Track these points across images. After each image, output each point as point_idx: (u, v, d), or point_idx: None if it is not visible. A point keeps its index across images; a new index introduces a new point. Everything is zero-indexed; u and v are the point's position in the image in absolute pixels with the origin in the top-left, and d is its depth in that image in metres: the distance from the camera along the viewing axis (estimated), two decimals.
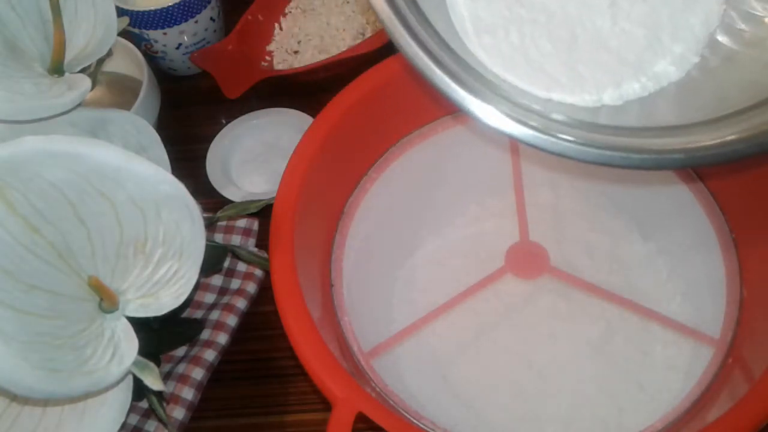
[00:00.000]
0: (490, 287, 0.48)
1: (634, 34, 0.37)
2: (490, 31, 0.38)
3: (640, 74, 0.37)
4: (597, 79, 0.37)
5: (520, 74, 0.37)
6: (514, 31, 0.37)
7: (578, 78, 0.37)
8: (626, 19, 0.37)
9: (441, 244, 0.51)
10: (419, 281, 0.50)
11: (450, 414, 0.43)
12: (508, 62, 0.37)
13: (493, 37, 0.38)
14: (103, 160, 0.34)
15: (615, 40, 0.37)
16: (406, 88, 0.49)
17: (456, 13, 0.38)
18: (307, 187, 0.44)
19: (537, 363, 0.45)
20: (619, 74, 0.37)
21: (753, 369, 0.39)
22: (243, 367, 0.50)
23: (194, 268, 0.36)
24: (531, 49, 0.37)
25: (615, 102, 0.37)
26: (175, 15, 0.60)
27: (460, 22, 0.38)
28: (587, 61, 0.37)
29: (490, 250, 0.49)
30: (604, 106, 0.37)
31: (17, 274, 0.32)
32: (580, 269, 0.48)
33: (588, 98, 0.36)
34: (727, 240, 0.46)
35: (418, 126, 0.52)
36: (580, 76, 0.37)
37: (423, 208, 0.52)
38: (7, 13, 0.41)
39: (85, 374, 0.33)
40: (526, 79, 0.37)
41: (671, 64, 0.37)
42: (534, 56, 0.37)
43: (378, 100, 0.48)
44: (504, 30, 0.38)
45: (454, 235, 0.51)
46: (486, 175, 0.52)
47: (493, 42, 0.37)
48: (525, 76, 0.37)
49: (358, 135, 0.49)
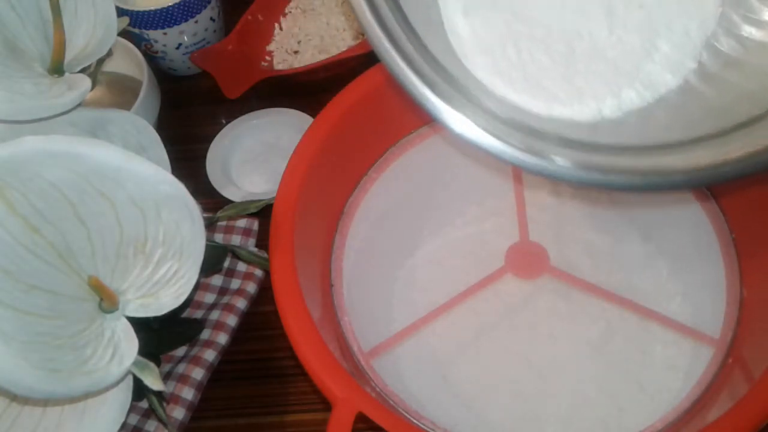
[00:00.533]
0: (490, 287, 0.48)
1: (631, 42, 0.37)
2: (488, 50, 0.37)
3: (637, 83, 0.36)
4: (595, 91, 0.36)
5: (519, 92, 0.37)
6: (511, 48, 0.37)
7: (576, 91, 0.36)
8: (622, 28, 0.37)
9: (441, 244, 0.51)
10: (419, 281, 0.50)
11: (450, 414, 0.43)
12: (506, 80, 0.37)
13: (491, 56, 0.37)
14: (103, 160, 0.34)
15: (612, 49, 0.37)
16: None
17: (454, 35, 0.38)
18: (307, 187, 0.44)
19: (537, 363, 0.45)
20: (616, 84, 0.36)
21: (753, 369, 0.39)
22: (243, 367, 0.50)
23: (194, 268, 0.36)
24: (529, 65, 0.37)
25: (614, 113, 0.36)
26: (175, 15, 0.60)
27: (458, 44, 0.38)
28: (585, 73, 0.37)
29: (490, 250, 0.49)
30: (603, 119, 0.36)
31: (17, 274, 0.33)
32: (580, 269, 0.48)
33: (587, 111, 0.36)
34: (727, 240, 0.46)
35: (418, 126, 0.52)
36: (578, 88, 0.36)
37: (423, 208, 0.52)
38: (7, 13, 0.41)
39: (85, 374, 0.33)
40: (525, 96, 0.36)
41: (668, 72, 0.37)
42: (532, 72, 0.37)
43: (378, 100, 0.48)
44: (501, 47, 0.37)
45: (454, 235, 0.51)
46: (486, 175, 0.52)
47: (492, 61, 0.37)
48: (524, 93, 0.37)
49: (358, 135, 0.49)
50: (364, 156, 0.51)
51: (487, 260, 0.49)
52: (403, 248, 0.51)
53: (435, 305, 0.47)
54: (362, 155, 0.51)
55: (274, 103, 0.61)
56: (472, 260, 0.49)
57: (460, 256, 0.50)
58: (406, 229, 0.51)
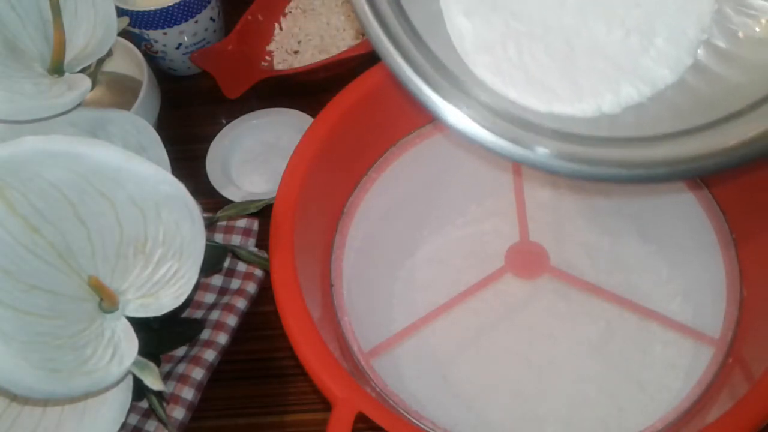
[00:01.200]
0: (490, 287, 0.48)
1: (629, 39, 0.37)
2: (489, 49, 0.38)
3: (636, 79, 0.37)
4: (595, 88, 0.37)
5: (521, 90, 0.37)
6: (512, 47, 0.38)
7: (576, 89, 0.37)
8: (621, 26, 0.37)
9: (441, 244, 0.51)
10: (419, 281, 0.50)
11: (450, 414, 0.43)
12: (507, 79, 0.37)
13: (492, 55, 0.38)
14: (103, 160, 0.34)
15: (611, 47, 0.37)
16: None
17: (455, 34, 0.38)
18: (307, 187, 0.44)
19: (537, 363, 0.45)
20: (615, 81, 0.37)
21: (753, 369, 0.39)
22: (243, 367, 0.50)
23: (194, 268, 0.36)
24: (530, 64, 0.37)
25: (613, 109, 0.37)
26: (175, 15, 0.60)
27: (459, 42, 0.38)
28: (585, 71, 0.37)
29: (490, 250, 0.49)
30: (603, 115, 0.37)
31: (17, 274, 0.33)
32: (580, 269, 0.48)
33: (587, 108, 0.37)
34: (727, 240, 0.46)
35: (418, 126, 0.52)
36: (579, 86, 0.37)
37: (423, 208, 0.52)
38: (7, 13, 0.41)
39: (85, 374, 0.33)
40: (526, 94, 0.37)
41: (666, 67, 0.37)
42: (533, 71, 0.37)
43: (378, 100, 0.48)
44: (502, 46, 0.38)
45: (454, 235, 0.51)
46: (486, 175, 0.52)
47: (493, 60, 0.38)
48: (525, 92, 0.37)
49: (358, 135, 0.49)
50: (364, 156, 0.51)
51: (487, 260, 0.49)
52: (403, 248, 0.51)
53: (435, 305, 0.47)
54: (362, 155, 0.51)
55: (274, 103, 0.61)
56: (472, 260, 0.49)
57: (460, 256, 0.50)
58: (406, 229, 0.51)
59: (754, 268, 0.44)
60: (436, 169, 0.52)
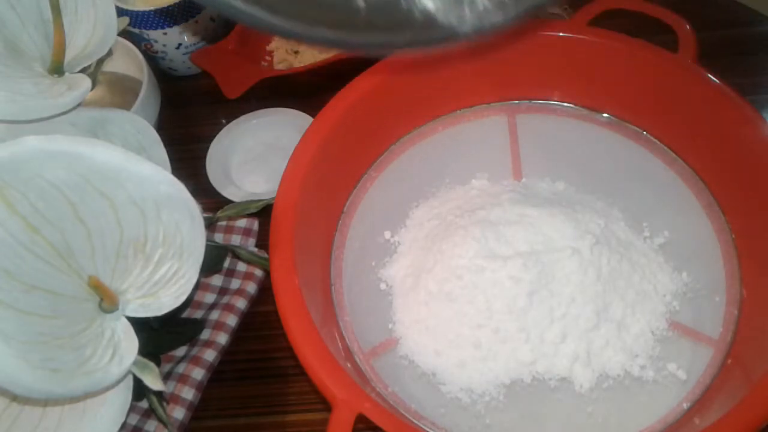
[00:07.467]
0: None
1: None
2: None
3: None
4: None
5: None
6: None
7: None
8: None
9: None
10: None
11: (450, 414, 0.43)
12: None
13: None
14: (103, 160, 0.34)
15: None
16: (406, 87, 0.49)
17: None
18: (307, 187, 0.44)
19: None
20: None
21: (753, 369, 0.39)
22: (243, 367, 0.50)
23: (194, 268, 0.36)
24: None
25: None
26: (175, 15, 0.60)
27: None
28: None
29: None
30: None
31: (17, 274, 0.32)
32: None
33: None
34: (727, 240, 0.46)
35: (418, 125, 0.52)
36: None
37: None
38: (7, 13, 0.41)
39: (85, 374, 0.33)
40: None
41: None
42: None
43: (377, 99, 0.48)
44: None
45: None
46: (486, 174, 0.52)
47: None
48: None
49: (357, 134, 0.49)
50: (364, 156, 0.51)
51: None
52: None
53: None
54: (362, 154, 0.51)
55: (274, 103, 0.61)
56: None
57: None
58: None
59: (754, 268, 0.44)
60: (435, 168, 0.52)
